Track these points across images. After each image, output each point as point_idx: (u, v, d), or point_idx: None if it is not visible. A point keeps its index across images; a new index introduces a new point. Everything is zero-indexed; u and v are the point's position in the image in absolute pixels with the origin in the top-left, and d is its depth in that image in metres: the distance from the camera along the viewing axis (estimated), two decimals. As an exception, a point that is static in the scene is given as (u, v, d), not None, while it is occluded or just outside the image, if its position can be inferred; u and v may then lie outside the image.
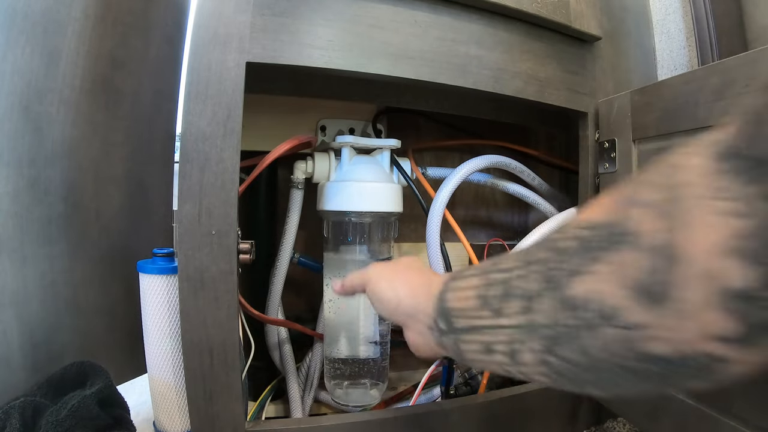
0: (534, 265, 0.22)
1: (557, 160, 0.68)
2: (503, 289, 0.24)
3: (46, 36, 0.46)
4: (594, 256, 0.20)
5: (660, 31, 0.73)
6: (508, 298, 0.23)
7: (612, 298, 0.19)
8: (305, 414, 0.56)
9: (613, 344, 0.19)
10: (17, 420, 0.37)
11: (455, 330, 0.27)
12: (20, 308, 0.44)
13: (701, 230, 0.17)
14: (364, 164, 0.52)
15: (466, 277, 0.27)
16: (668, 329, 0.18)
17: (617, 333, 0.19)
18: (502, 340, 0.24)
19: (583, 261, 0.20)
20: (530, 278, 0.22)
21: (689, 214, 0.17)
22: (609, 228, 0.20)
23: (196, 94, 0.38)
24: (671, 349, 0.18)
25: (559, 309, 0.21)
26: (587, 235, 0.20)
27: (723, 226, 0.16)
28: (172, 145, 0.68)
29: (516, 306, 0.23)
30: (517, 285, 0.23)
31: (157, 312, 0.44)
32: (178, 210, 0.38)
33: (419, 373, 0.70)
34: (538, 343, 0.22)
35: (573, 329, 0.20)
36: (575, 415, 0.55)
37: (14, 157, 0.44)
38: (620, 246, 0.19)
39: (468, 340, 0.26)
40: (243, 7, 0.39)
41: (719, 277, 0.16)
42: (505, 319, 0.23)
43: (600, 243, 0.20)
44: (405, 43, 0.43)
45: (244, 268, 0.43)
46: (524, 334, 0.22)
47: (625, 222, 0.19)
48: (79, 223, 0.52)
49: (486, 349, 0.25)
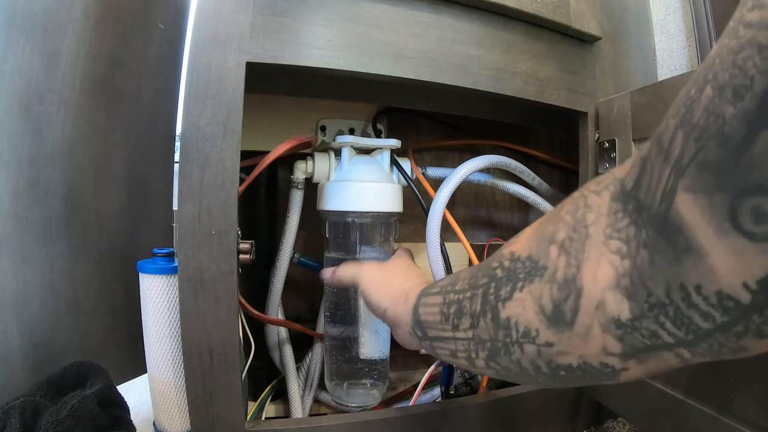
0: (478, 289, 0.27)
1: (557, 160, 0.68)
2: (457, 308, 0.28)
3: (46, 36, 0.46)
4: (518, 285, 0.24)
5: (660, 31, 0.73)
6: (460, 316, 0.28)
7: (531, 321, 0.23)
8: (305, 414, 0.56)
9: (533, 356, 0.23)
10: (17, 420, 0.37)
11: (429, 338, 0.32)
12: (20, 308, 0.44)
13: (599, 268, 0.20)
14: (364, 164, 0.52)
15: (432, 294, 0.32)
16: (574, 347, 0.21)
17: (535, 348, 0.23)
18: (461, 348, 0.28)
19: (510, 289, 0.24)
20: (474, 300, 0.27)
21: (592, 251, 0.20)
22: (531, 261, 0.23)
23: (196, 94, 0.38)
24: (576, 360, 0.22)
25: (493, 327, 0.25)
26: (514, 267, 0.24)
27: (613, 265, 0.19)
28: (172, 145, 0.68)
29: (466, 323, 0.27)
30: (466, 306, 0.27)
31: (157, 312, 0.44)
32: (178, 210, 0.38)
33: (419, 373, 0.70)
34: (483, 353, 0.26)
35: (504, 344, 0.25)
36: (575, 415, 0.55)
37: (14, 157, 0.44)
38: (539, 278, 0.23)
39: (439, 346, 0.31)
40: (243, 7, 0.39)
41: (608, 308, 0.20)
42: (461, 332, 0.28)
43: (523, 274, 0.24)
44: (405, 43, 0.43)
45: (244, 268, 0.43)
46: (474, 345, 0.27)
47: (544, 258, 0.23)
48: (79, 223, 0.52)
49: (452, 354, 0.29)
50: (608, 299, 0.19)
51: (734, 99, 0.14)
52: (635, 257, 0.18)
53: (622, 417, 0.56)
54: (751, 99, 0.14)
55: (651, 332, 0.19)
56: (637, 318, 0.19)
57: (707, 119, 0.15)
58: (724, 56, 0.15)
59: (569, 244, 0.21)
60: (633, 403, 0.47)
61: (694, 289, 0.16)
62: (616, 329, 0.20)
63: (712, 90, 0.15)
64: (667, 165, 0.17)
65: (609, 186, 0.21)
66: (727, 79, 0.15)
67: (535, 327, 0.23)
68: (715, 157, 0.15)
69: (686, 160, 0.16)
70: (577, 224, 0.22)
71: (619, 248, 0.19)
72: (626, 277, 0.19)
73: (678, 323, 0.18)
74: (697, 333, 0.17)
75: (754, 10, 0.14)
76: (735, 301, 0.16)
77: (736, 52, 0.14)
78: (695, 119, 0.16)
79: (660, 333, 0.18)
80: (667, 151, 0.17)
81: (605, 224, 0.20)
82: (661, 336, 0.18)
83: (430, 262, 0.51)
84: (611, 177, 0.22)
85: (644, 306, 0.18)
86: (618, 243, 0.19)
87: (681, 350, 0.19)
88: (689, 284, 0.17)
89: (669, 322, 0.18)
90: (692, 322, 0.17)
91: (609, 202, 0.21)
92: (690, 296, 0.17)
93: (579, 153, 0.54)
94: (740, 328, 0.16)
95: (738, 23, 0.15)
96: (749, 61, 0.14)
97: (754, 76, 0.14)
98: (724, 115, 0.15)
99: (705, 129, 0.15)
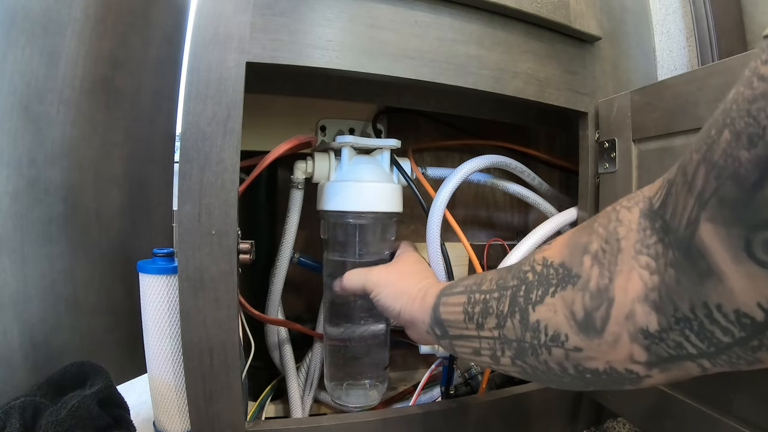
0: (506, 290, 0.28)
1: (557, 160, 0.68)
2: (483, 308, 0.29)
3: (46, 36, 0.46)
4: (550, 290, 0.25)
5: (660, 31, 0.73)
6: (486, 315, 0.29)
7: (561, 325, 0.24)
8: (305, 414, 0.56)
9: (561, 359, 0.25)
10: (17, 420, 0.37)
11: (449, 336, 0.32)
12: (20, 308, 0.44)
13: (630, 280, 0.22)
14: (364, 164, 0.52)
15: (455, 294, 0.33)
16: (602, 353, 0.23)
17: (564, 352, 0.24)
18: (486, 347, 0.29)
19: (542, 293, 0.25)
20: (502, 301, 0.28)
21: (624, 264, 0.22)
22: (564, 269, 0.25)
23: (196, 94, 0.38)
24: (603, 365, 0.23)
25: (521, 329, 0.26)
26: (546, 272, 0.26)
27: (642, 279, 0.21)
28: (172, 145, 0.68)
29: (492, 322, 0.28)
30: (493, 306, 0.28)
31: (157, 312, 0.44)
32: (178, 210, 0.38)
33: (419, 373, 0.70)
34: (510, 351, 0.27)
35: (531, 345, 0.26)
36: (575, 415, 0.55)
37: (14, 157, 0.44)
38: (572, 285, 0.24)
39: (460, 345, 0.32)
40: (243, 7, 0.39)
41: (637, 319, 0.21)
42: (486, 332, 0.29)
43: (556, 280, 0.25)
44: (405, 42, 0.43)
45: (244, 268, 0.43)
46: (500, 345, 0.28)
47: (577, 266, 0.24)
48: (79, 223, 0.52)
49: (474, 352, 0.30)
50: (638, 311, 0.21)
51: (749, 145, 0.16)
52: (663, 274, 0.20)
53: (622, 417, 0.56)
54: (764, 147, 0.16)
55: (676, 343, 0.20)
56: (664, 330, 0.20)
57: (725, 160, 0.17)
58: (740, 104, 0.17)
59: (602, 256, 0.23)
60: (633, 403, 0.47)
61: (715, 307, 0.18)
62: (644, 339, 0.21)
63: (729, 134, 0.17)
64: (691, 196, 0.19)
65: (639, 203, 0.23)
66: (743, 126, 0.17)
67: (565, 332, 0.24)
68: (733, 194, 0.17)
69: (707, 195, 0.18)
70: (609, 237, 0.23)
71: (648, 263, 0.21)
72: (655, 291, 0.21)
73: (701, 336, 0.19)
74: (718, 346, 0.19)
75: (767, 64, 0.16)
76: (751, 318, 0.18)
77: (751, 101, 0.16)
78: (715, 158, 0.18)
79: (685, 345, 0.20)
80: (691, 183, 0.19)
81: (635, 239, 0.22)
82: (686, 347, 0.20)
83: (431, 262, 0.51)
84: (641, 195, 0.24)
85: (671, 319, 0.20)
86: (647, 258, 0.21)
87: (703, 361, 0.20)
88: (711, 302, 0.19)
89: (693, 335, 0.20)
90: (714, 335, 0.19)
91: (638, 218, 0.23)
92: (712, 313, 0.19)
93: (579, 153, 0.54)
94: (756, 342, 0.18)
95: (753, 74, 0.17)
96: (762, 113, 0.16)
97: (766, 126, 0.16)
98: (740, 159, 0.17)
99: (724, 168, 0.17)
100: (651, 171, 0.45)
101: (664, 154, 0.43)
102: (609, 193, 0.50)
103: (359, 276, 0.44)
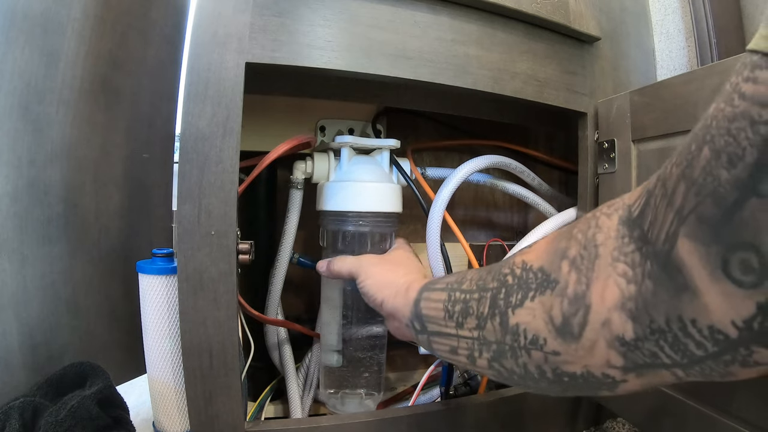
0: (486, 292, 0.28)
1: (557, 161, 0.68)
2: (463, 307, 0.29)
3: (46, 36, 0.46)
4: (529, 294, 0.25)
5: (659, 31, 0.73)
6: (466, 315, 0.28)
7: (539, 330, 0.24)
8: (305, 414, 0.56)
9: (540, 362, 0.25)
10: (17, 420, 0.37)
11: (428, 332, 0.32)
12: (20, 308, 0.44)
13: (606, 288, 0.22)
14: (363, 164, 0.52)
15: (436, 290, 0.33)
16: (579, 357, 0.23)
17: (543, 355, 0.24)
18: (463, 346, 0.29)
19: (521, 297, 0.25)
20: (482, 303, 0.28)
21: (600, 271, 0.22)
22: (543, 273, 0.25)
23: (195, 95, 0.38)
24: (580, 369, 0.23)
25: (501, 331, 0.26)
26: (526, 276, 0.26)
27: (619, 287, 0.21)
28: (171, 145, 0.68)
29: (472, 323, 0.28)
30: (473, 306, 0.28)
31: (156, 312, 0.44)
32: (178, 210, 0.38)
33: (419, 373, 0.70)
34: (488, 353, 0.27)
35: (511, 348, 0.26)
36: (575, 415, 0.55)
37: (14, 157, 0.44)
38: (550, 291, 0.24)
39: (438, 342, 0.31)
40: (242, 7, 0.39)
41: (613, 327, 0.21)
42: (465, 331, 0.29)
43: (535, 285, 0.25)
44: (404, 43, 0.43)
45: (243, 268, 0.43)
46: (479, 345, 0.28)
47: (556, 272, 0.24)
48: (79, 223, 0.52)
49: (452, 351, 0.30)
50: (614, 318, 0.21)
51: (728, 165, 0.16)
52: (641, 285, 0.20)
53: (621, 417, 0.56)
54: (743, 168, 0.16)
55: (651, 352, 0.21)
56: (639, 339, 0.21)
57: (705, 178, 0.17)
58: (720, 121, 0.17)
59: (580, 262, 0.23)
60: (632, 403, 0.47)
61: (690, 321, 0.18)
62: (620, 346, 0.21)
63: (709, 152, 0.17)
64: (670, 210, 0.19)
65: (618, 210, 0.23)
66: (723, 145, 0.16)
67: (544, 336, 0.24)
68: (711, 213, 0.17)
69: (687, 211, 0.18)
70: (587, 243, 0.23)
71: (625, 272, 0.21)
72: (631, 301, 0.21)
73: (675, 348, 0.20)
74: (692, 358, 0.19)
75: (749, 82, 0.16)
76: (724, 335, 0.18)
77: (731, 120, 0.16)
78: (695, 175, 0.18)
79: (659, 354, 0.20)
80: (670, 197, 0.19)
81: (613, 246, 0.22)
82: (660, 357, 0.20)
83: (430, 262, 0.51)
84: (621, 202, 0.24)
85: (647, 330, 0.20)
86: (624, 267, 0.21)
87: (676, 370, 0.20)
88: (686, 317, 0.19)
89: (668, 346, 0.20)
90: (687, 348, 0.19)
91: (617, 225, 0.22)
92: (686, 327, 0.19)
93: (578, 153, 0.54)
94: (728, 357, 0.18)
95: (734, 90, 0.16)
96: (742, 133, 0.16)
97: (746, 148, 0.15)
98: (719, 178, 0.16)
99: (703, 186, 0.17)
100: (650, 171, 0.44)
101: (663, 155, 0.43)
102: (608, 194, 0.50)
103: (348, 261, 0.44)
